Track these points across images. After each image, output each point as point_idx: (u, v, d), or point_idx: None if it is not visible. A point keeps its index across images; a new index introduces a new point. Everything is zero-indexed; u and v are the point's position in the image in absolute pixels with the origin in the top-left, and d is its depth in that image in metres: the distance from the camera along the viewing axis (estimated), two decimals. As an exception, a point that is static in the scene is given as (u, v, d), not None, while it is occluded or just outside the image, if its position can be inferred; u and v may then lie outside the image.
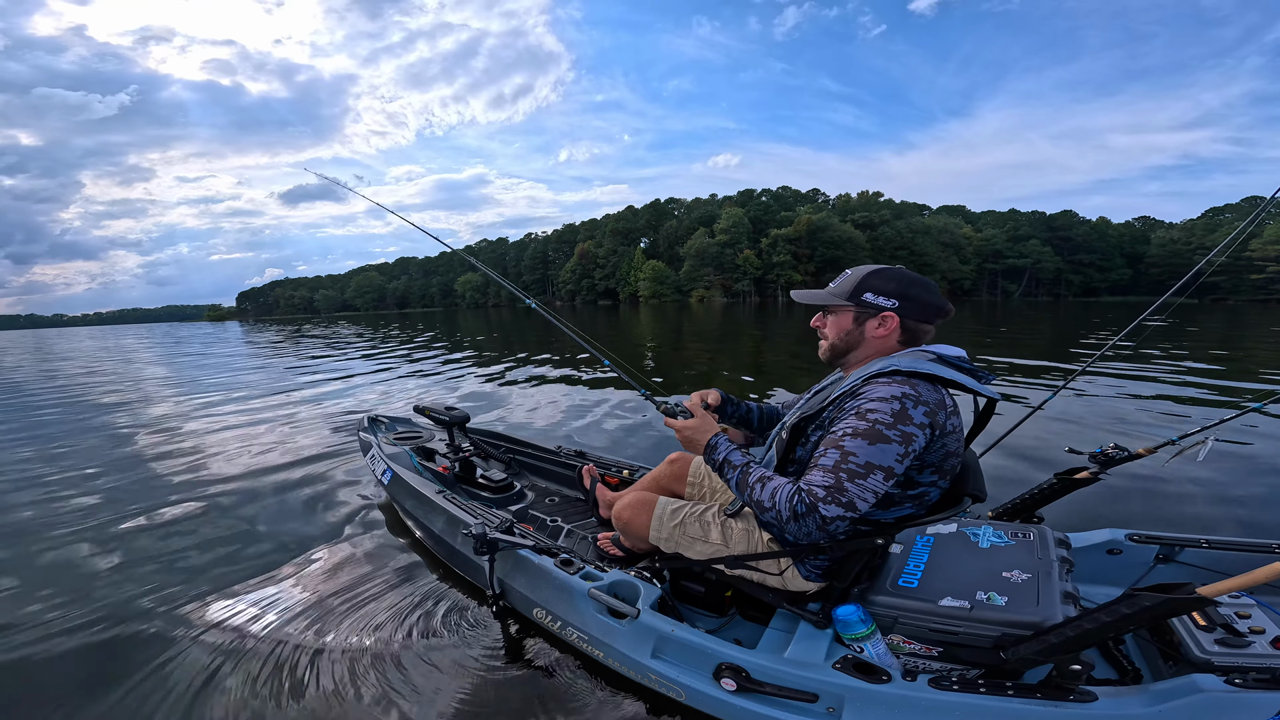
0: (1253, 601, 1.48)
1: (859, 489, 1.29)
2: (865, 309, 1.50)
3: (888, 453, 1.31)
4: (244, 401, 7.54)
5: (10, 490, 3.99)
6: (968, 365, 1.45)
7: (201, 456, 4.75)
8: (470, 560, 2.17)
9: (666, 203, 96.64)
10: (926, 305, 1.47)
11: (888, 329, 1.49)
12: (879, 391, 1.36)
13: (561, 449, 3.26)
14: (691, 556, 1.78)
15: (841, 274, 1.58)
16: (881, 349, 1.52)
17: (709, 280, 75.12)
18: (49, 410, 7.38)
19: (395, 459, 3.02)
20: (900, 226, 75.79)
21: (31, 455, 5.01)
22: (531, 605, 1.93)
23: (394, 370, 10.56)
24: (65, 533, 3.15)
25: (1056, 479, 2.03)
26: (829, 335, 1.59)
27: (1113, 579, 1.82)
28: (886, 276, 1.49)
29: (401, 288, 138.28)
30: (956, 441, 1.43)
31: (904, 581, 1.56)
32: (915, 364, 1.39)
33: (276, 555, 2.80)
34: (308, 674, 1.90)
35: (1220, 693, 1.16)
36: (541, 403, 6.68)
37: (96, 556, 2.86)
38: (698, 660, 1.56)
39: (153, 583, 2.55)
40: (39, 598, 2.44)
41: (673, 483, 2.17)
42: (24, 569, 2.74)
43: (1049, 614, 1.35)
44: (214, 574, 2.63)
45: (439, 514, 2.44)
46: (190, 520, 3.31)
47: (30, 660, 2.03)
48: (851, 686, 1.37)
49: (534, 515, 2.69)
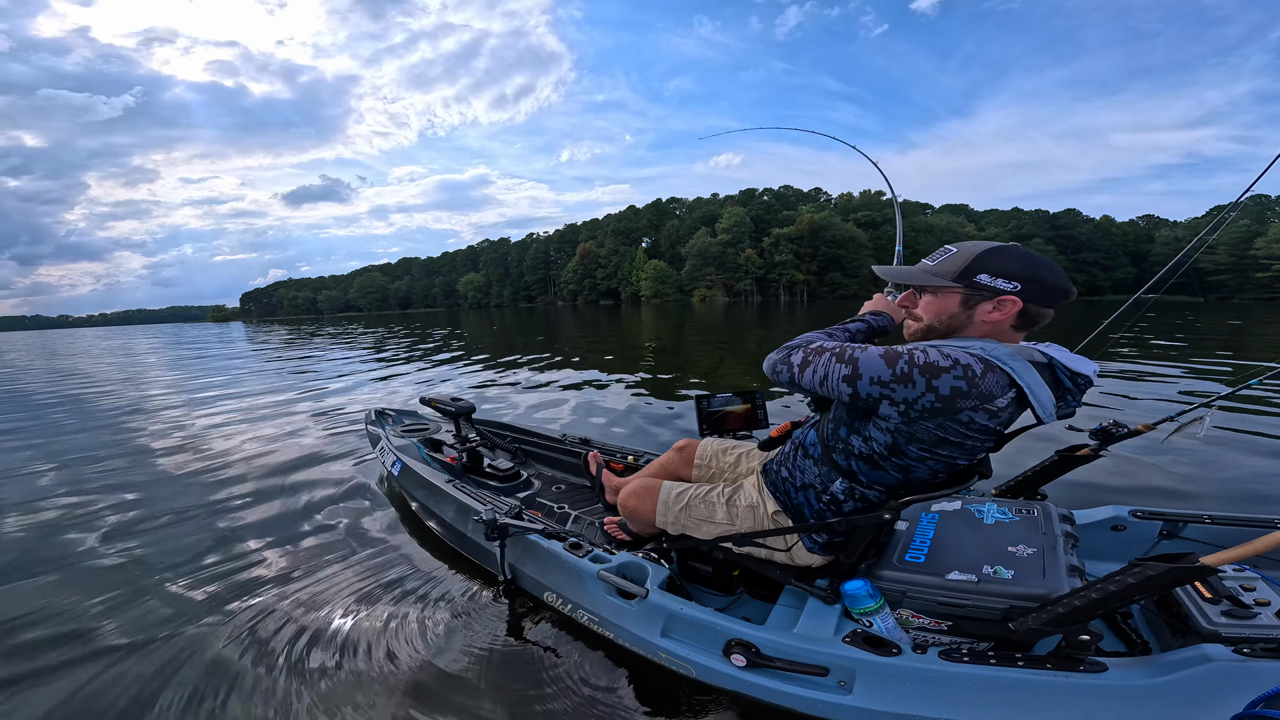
0: (1256, 575, 1.49)
1: (824, 364, 1.35)
2: (978, 291, 1.33)
3: (876, 369, 1.28)
4: (258, 398, 7.55)
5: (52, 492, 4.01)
6: (1070, 385, 1.31)
7: (225, 452, 4.77)
8: (481, 546, 2.21)
9: (668, 202, 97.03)
10: (1053, 289, 1.30)
11: (1005, 313, 1.33)
12: (948, 348, 1.27)
13: (566, 437, 3.29)
14: (699, 537, 1.80)
15: (942, 250, 1.42)
16: (991, 333, 1.36)
17: (711, 280, 75.36)
18: (104, 414, 7.26)
19: (404, 451, 3.06)
20: (903, 225, 75.80)
21: (86, 458, 4.94)
22: (542, 589, 1.96)
23: (424, 369, 10.48)
24: (90, 522, 3.19)
25: (1057, 455, 2.04)
26: (924, 316, 1.45)
27: (1117, 555, 1.82)
28: (1008, 256, 1.31)
29: (404, 288, 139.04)
30: (969, 436, 1.30)
31: (910, 556, 1.58)
32: (1011, 359, 1.25)
33: (291, 548, 2.82)
34: (325, 660, 1.92)
35: (1230, 661, 1.17)
36: (570, 397, 6.71)
37: (101, 551, 2.88)
38: (707, 638, 1.57)
39: (164, 574, 2.58)
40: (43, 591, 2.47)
41: (680, 468, 2.19)
42: (44, 566, 2.78)
43: (1055, 586, 1.37)
44: (228, 565, 2.66)
45: (449, 503, 2.47)
46: (208, 512, 3.34)
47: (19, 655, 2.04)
48: (863, 660, 1.38)
49: (541, 502, 2.72)
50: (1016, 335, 1.38)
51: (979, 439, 1.33)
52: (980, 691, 1.28)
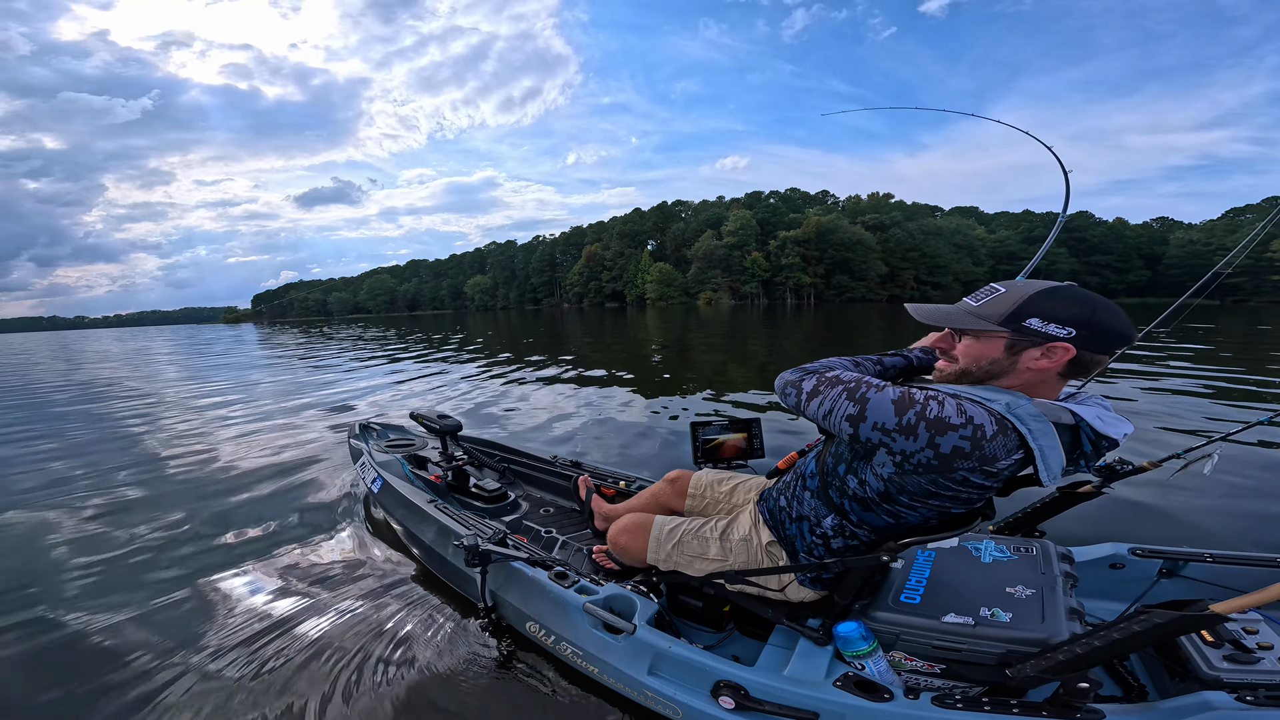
0: (1259, 617, 1.45)
1: (833, 399, 1.29)
2: (1026, 337, 1.20)
3: (883, 415, 1.20)
4: (253, 404, 7.60)
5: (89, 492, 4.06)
6: (1089, 450, 1.23)
7: (204, 461, 4.80)
8: (461, 572, 2.13)
9: (674, 205, 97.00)
10: (1112, 335, 1.17)
11: (1053, 361, 1.19)
12: (968, 405, 1.17)
13: (557, 458, 3.21)
14: (691, 574, 1.77)
15: (987, 288, 1.29)
16: (1033, 381, 1.24)
17: (716, 282, 75.19)
18: (141, 421, 7.31)
19: (386, 467, 2.99)
20: (912, 228, 75.33)
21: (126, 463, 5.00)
22: (524, 619, 1.91)
23: (444, 375, 10.29)
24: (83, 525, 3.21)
25: (1059, 492, 1.99)
26: (961, 360, 1.31)
27: (1115, 594, 1.78)
28: (1064, 298, 1.18)
29: (412, 290, 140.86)
30: (960, 491, 1.25)
31: (906, 597, 1.54)
32: (1034, 420, 1.16)
33: (260, 562, 2.79)
34: (291, 688, 1.87)
35: (1232, 710, 1.14)
36: (567, 408, 6.64)
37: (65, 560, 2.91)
38: (695, 678, 1.54)
39: (134, 586, 2.60)
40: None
41: (672, 500, 2.16)
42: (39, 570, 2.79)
43: (1054, 630, 1.33)
44: (194, 578, 2.65)
45: (430, 524, 2.40)
46: (176, 521, 3.36)
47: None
48: (853, 705, 1.35)
49: (528, 526, 2.67)
50: (1060, 384, 1.26)
51: (974, 493, 1.27)
52: (973, 741, 1.25)
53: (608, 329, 23.50)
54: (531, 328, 26.04)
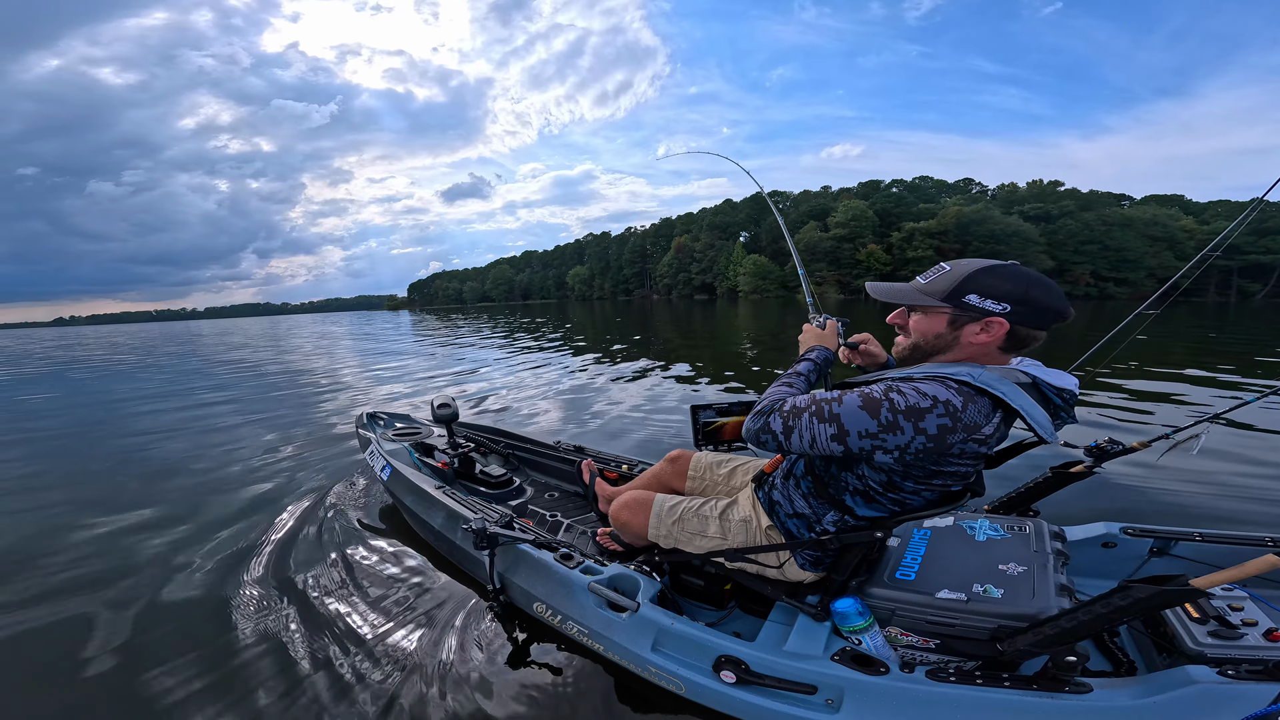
0: (1245, 594, 1.50)
1: (808, 427, 1.29)
2: (966, 312, 1.29)
3: (861, 422, 1.24)
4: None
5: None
6: (1060, 401, 1.29)
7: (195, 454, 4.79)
8: (470, 555, 2.20)
9: (770, 195, 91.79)
10: (1045, 310, 1.24)
11: (991, 335, 1.28)
12: (925, 385, 1.24)
13: (560, 444, 3.28)
14: (691, 551, 1.81)
15: (935, 267, 1.37)
16: (977, 355, 1.33)
17: (821, 275, 65.67)
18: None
19: (395, 455, 3.05)
20: (1089, 218, 60.25)
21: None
22: (532, 600, 1.95)
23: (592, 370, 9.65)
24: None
25: (1051, 472, 2.04)
26: (912, 334, 1.42)
27: (1107, 572, 1.83)
28: (1000, 275, 1.26)
29: (526, 280, 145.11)
30: (961, 464, 1.32)
31: (901, 574, 1.59)
32: (996, 382, 1.23)
33: (273, 549, 2.82)
34: (307, 667, 1.92)
35: (1214, 683, 1.17)
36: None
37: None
38: (697, 653, 1.58)
39: (147, 575, 2.62)
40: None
41: (673, 479, 2.19)
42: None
43: (1044, 606, 1.37)
44: (212, 567, 2.67)
45: (439, 510, 2.46)
46: (199, 510, 3.36)
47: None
48: (850, 678, 1.39)
49: (533, 510, 2.71)
50: (1004, 357, 1.34)
51: (970, 464, 1.34)
52: (966, 712, 1.29)
53: (698, 321, 22.56)
54: (624, 318, 25.88)
